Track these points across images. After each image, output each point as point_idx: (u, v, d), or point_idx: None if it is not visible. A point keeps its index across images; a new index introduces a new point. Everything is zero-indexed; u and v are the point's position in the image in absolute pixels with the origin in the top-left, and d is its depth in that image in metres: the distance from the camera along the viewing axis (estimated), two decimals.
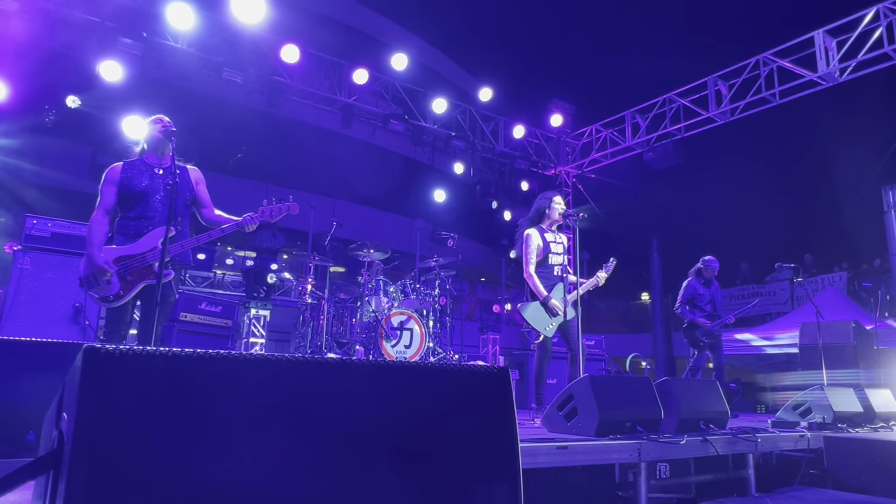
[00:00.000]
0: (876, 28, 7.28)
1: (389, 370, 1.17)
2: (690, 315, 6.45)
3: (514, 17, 18.69)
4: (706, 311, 6.52)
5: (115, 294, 3.24)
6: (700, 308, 6.54)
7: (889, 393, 5.59)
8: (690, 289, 6.60)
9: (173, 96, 10.05)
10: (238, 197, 13.63)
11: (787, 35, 8.13)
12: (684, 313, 6.51)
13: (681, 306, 6.57)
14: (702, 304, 6.54)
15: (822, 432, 4.22)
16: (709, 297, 6.56)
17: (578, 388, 3.47)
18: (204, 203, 3.63)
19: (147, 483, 0.87)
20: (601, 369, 8.77)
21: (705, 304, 6.54)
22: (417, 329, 6.36)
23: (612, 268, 4.94)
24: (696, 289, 6.59)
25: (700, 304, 6.54)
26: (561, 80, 16.35)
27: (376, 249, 6.83)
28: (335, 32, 15.59)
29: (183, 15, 7.45)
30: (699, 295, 6.56)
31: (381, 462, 1.08)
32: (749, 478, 3.76)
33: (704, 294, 6.56)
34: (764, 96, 8.42)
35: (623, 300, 21.01)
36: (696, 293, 6.57)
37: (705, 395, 4.09)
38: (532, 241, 4.72)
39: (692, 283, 6.63)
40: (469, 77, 19.65)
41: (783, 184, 16.47)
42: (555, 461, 2.83)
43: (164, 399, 0.93)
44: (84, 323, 5.26)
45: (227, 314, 7.02)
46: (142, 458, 0.88)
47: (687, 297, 6.57)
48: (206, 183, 3.68)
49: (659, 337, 16.46)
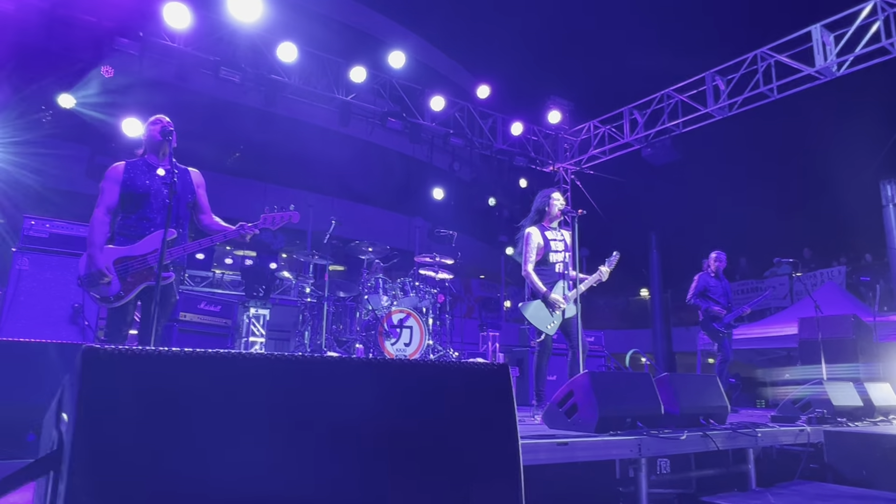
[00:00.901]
0: (873, 22, 7.28)
1: (389, 368, 1.17)
2: (705, 304, 6.48)
3: (511, 14, 18.67)
4: (721, 303, 6.55)
5: (116, 294, 3.23)
6: (714, 300, 6.56)
7: (888, 387, 5.60)
8: (702, 282, 6.64)
9: (170, 96, 10.04)
10: (236, 196, 13.63)
11: (785, 30, 8.13)
12: (698, 304, 6.54)
13: (693, 298, 6.60)
14: (715, 297, 6.56)
15: (821, 426, 4.22)
16: (721, 290, 6.60)
17: (578, 385, 3.47)
18: (203, 208, 3.62)
19: (148, 483, 0.87)
20: (601, 365, 8.78)
21: (719, 297, 6.56)
22: (417, 327, 6.36)
23: (616, 262, 4.94)
24: (707, 282, 6.63)
25: (713, 297, 6.57)
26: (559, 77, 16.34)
27: (375, 248, 6.83)
28: (332, 30, 15.56)
29: (180, 14, 7.43)
30: (711, 287, 6.60)
31: (381, 460, 1.08)
32: (749, 472, 3.76)
33: (717, 287, 6.60)
34: (762, 91, 8.42)
35: (622, 296, 21.01)
36: (708, 286, 6.61)
37: (705, 391, 4.10)
38: (532, 240, 4.72)
39: (703, 276, 6.67)
40: (467, 74, 19.65)
41: (782, 179, 16.49)
42: (556, 458, 2.83)
43: (163, 399, 0.93)
44: (83, 323, 5.25)
45: (226, 314, 7.01)
46: (142, 458, 0.88)
47: (699, 290, 6.60)
48: (205, 186, 3.67)
49: (659, 333, 16.46)
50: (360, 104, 9.54)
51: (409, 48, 10.37)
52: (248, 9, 7.72)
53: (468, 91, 12.82)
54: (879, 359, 7.17)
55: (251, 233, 3.44)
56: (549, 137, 11.53)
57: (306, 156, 14.85)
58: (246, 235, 3.45)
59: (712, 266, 6.65)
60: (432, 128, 10.14)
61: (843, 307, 8.92)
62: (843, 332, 7.00)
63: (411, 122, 9.79)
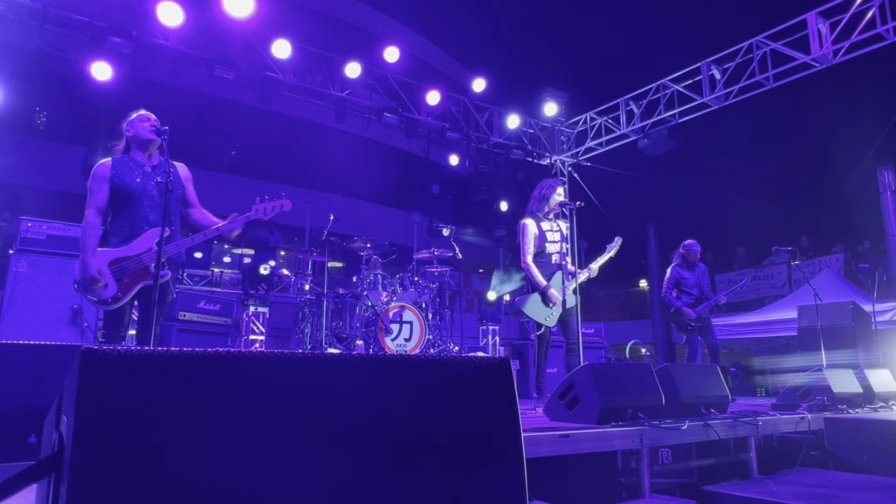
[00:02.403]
0: (869, 8, 7.25)
1: (388, 364, 1.17)
2: (677, 302, 6.51)
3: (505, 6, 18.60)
4: (693, 294, 6.54)
5: (113, 297, 3.21)
6: (686, 292, 6.55)
7: (888, 373, 5.61)
8: (675, 274, 6.65)
9: (165, 94, 10.00)
10: (233, 195, 13.59)
11: (780, 17, 8.09)
12: (670, 300, 6.56)
13: (667, 292, 6.63)
14: (687, 289, 6.56)
15: (822, 414, 4.24)
16: (694, 281, 6.59)
17: (579, 377, 3.47)
18: (192, 202, 3.56)
19: (148, 484, 0.87)
20: (601, 357, 8.79)
21: (691, 288, 6.56)
22: (417, 322, 6.37)
23: (617, 247, 5.00)
24: (679, 273, 6.63)
25: (686, 289, 6.57)
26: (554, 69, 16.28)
27: (373, 243, 6.83)
28: (326, 26, 15.51)
29: (172, 12, 7.39)
30: (683, 279, 6.60)
31: (383, 456, 1.08)
32: (751, 461, 3.77)
33: (689, 278, 6.60)
34: (758, 80, 8.40)
35: (621, 287, 21.03)
36: (680, 277, 6.61)
37: (705, 380, 4.11)
38: (528, 231, 4.70)
39: (675, 269, 6.67)
40: (462, 68, 19.58)
41: (779, 167, 16.48)
42: (558, 450, 2.84)
43: (162, 399, 0.92)
44: (83, 324, 5.25)
45: (225, 312, 7.01)
46: (142, 459, 0.87)
47: (672, 283, 6.62)
48: (193, 181, 3.60)
49: (658, 323, 16.50)
50: (355, 100, 9.51)
51: (404, 43, 10.34)
52: (242, 6, 7.68)
53: (463, 85, 12.78)
54: (878, 345, 7.19)
55: (243, 223, 3.39)
56: (545, 130, 11.50)
57: (302, 153, 14.82)
58: (237, 229, 3.40)
59: (688, 258, 6.63)
60: (428, 122, 10.12)
61: (841, 294, 8.94)
62: (842, 320, 7.02)
63: (407, 118, 9.76)
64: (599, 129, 10.81)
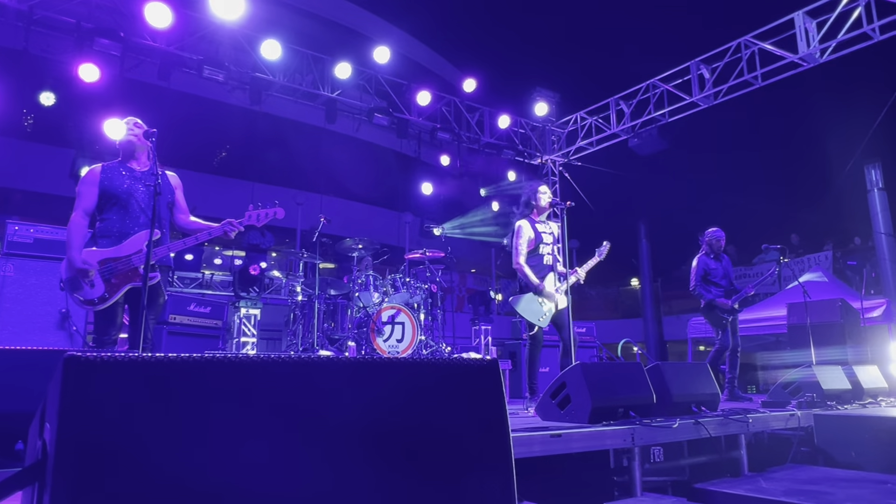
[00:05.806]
0: (855, 8, 7.31)
1: (376, 367, 1.16)
2: (708, 295, 6.07)
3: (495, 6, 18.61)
4: (722, 285, 6.14)
5: (100, 297, 3.19)
6: (715, 284, 6.14)
7: (876, 369, 5.67)
8: (702, 265, 6.19)
9: (153, 96, 9.93)
10: (223, 197, 13.54)
11: (768, 17, 8.15)
12: (701, 293, 6.10)
13: (696, 286, 6.15)
14: (716, 280, 6.15)
15: (811, 410, 4.27)
16: (722, 272, 6.19)
17: (571, 376, 3.48)
18: (181, 209, 3.61)
19: (132, 492, 0.86)
20: (593, 356, 8.82)
21: (720, 279, 6.15)
22: (409, 322, 6.36)
23: (606, 252, 5.00)
24: (707, 264, 6.18)
25: (715, 280, 6.15)
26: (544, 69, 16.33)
27: (365, 244, 6.81)
28: (316, 27, 15.46)
29: (161, 14, 7.33)
30: (712, 270, 6.16)
31: (372, 458, 1.07)
32: (742, 458, 3.80)
33: (717, 269, 6.19)
34: (746, 79, 8.45)
35: (613, 286, 21.12)
36: (708, 269, 6.17)
37: (696, 378, 4.13)
38: (524, 233, 4.74)
39: (702, 259, 6.23)
40: (452, 68, 19.60)
41: (768, 165, 16.61)
42: (550, 449, 2.84)
43: (148, 406, 0.91)
44: (71, 328, 5.20)
45: (216, 314, 6.97)
46: (127, 467, 0.86)
47: (700, 274, 6.16)
48: (183, 188, 3.65)
49: (650, 321, 16.57)
50: (346, 101, 9.49)
51: (394, 43, 10.34)
52: (231, 6, 7.64)
53: (454, 85, 12.79)
54: (867, 342, 7.26)
55: (236, 230, 3.42)
56: (536, 130, 11.52)
57: (293, 154, 14.78)
58: (231, 233, 3.42)
59: (714, 247, 6.22)
60: (419, 123, 10.11)
61: (830, 292, 9.01)
62: (831, 317, 7.08)
63: (398, 118, 9.75)
64: (590, 129, 10.85)
